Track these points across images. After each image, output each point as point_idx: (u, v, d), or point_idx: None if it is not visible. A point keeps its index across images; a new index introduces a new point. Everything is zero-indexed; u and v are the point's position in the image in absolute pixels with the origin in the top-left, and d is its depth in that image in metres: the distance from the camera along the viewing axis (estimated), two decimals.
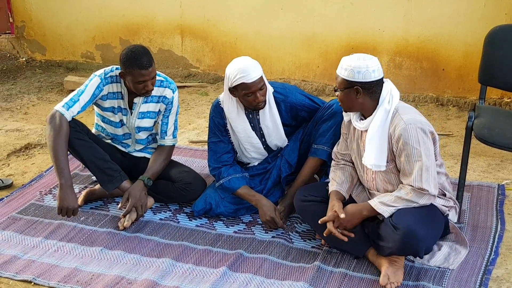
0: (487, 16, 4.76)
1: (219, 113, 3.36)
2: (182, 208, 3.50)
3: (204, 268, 2.93)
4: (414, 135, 2.66)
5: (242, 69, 3.11)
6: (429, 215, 2.73)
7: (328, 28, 5.41)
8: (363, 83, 2.70)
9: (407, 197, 2.68)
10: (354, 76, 2.69)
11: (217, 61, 6.06)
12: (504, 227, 3.18)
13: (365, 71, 2.69)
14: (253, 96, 3.14)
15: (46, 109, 5.42)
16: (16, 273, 2.92)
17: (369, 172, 2.88)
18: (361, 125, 2.81)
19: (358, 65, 2.69)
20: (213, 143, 3.40)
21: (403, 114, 2.71)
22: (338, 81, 2.77)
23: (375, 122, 2.74)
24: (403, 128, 2.66)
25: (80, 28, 6.61)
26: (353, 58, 2.73)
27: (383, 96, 2.75)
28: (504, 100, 4.93)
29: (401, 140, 2.67)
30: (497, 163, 3.99)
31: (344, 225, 2.80)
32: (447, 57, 5.06)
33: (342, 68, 2.74)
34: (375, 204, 2.74)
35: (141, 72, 3.17)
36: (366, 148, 2.78)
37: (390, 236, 2.67)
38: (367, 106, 2.76)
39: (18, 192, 3.74)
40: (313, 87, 5.52)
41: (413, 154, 2.66)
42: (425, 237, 2.67)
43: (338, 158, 3.07)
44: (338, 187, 2.95)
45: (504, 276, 2.79)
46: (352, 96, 2.74)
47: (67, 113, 3.24)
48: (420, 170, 2.65)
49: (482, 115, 3.29)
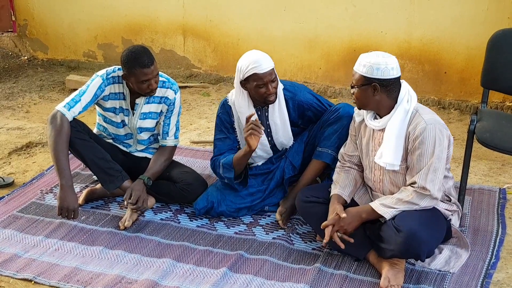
0: (489, 19, 4.75)
1: (227, 111, 3.37)
2: (183, 208, 3.49)
3: (205, 268, 2.93)
4: (432, 136, 2.66)
5: (255, 60, 3.14)
6: (431, 218, 2.72)
7: (330, 30, 5.40)
8: (381, 80, 2.70)
9: (408, 198, 2.68)
10: (373, 72, 2.69)
11: (219, 62, 6.05)
12: (505, 231, 3.18)
13: (384, 68, 2.68)
14: (265, 87, 3.15)
15: (48, 108, 5.42)
16: (17, 272, 2.92)
17: (377, 173, 2.87)
18: (376, 124, 2.80)
19: (378, 61, 2.69)
20: (219, 139, 3.40)
21: (423, 114, 2.72)
22: (356, 78, 2.76)
23: (395, 120, 2.73)
24: (423, 128, 2.67)
25: (82, 27, 6.61)
26: (372, 55, 2.72)
27: (401, 95, 2.74)
28: (506, 104, 4.93)
29: (419, 138, 2.67)
30: (499, 167, 3.98)
31: (345, 228, 2.79)
32: (449, 60, 5.05)
33: (361, 65, 2.73)
34: (376, 206, 2.74)
35: (143, 71, 3.17)
36: (383, 146, 2.76)
37: (393, 238, 2.67)
38: (383, 104, 2.76)
39: (19, 191, 3.74)
40: (315, 89, 5.51)
41: (426, 153, 2.67)
42: (428, 240, 2.67)
43: (345, 160, 3.06)
44: (341, 191, 2.94)
45: (504, 280, 2.79)
46: (369, 93, 2.73)
47: (68, 113, 3.24)
48: (427, 169, 2.66)
49: (484, 118, 3.30)
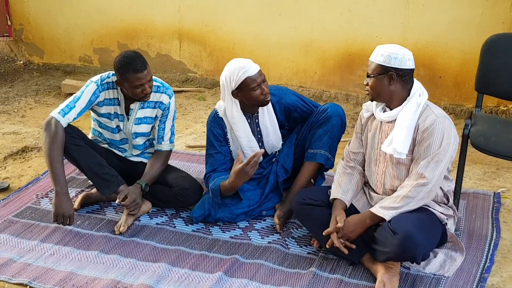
0: (484, 24, 4.77)
1: (219, 124, 3.37)
2: (179, 212, 3.50)
3: (200, 273, 2.93)
4: (441, 128, 2.72)
5: (242, 66, 3.16)
6: (427, 221, 2.74)
7: (326, 34, 5.42)
8: (398, 70, 2.76)
9: (405, 193, 2.71)
10: (390, 61, 2.76)
11: (215, 66, 6.06)
12: (500, 235, 3.19)
13: (401, 58, 2.76)
14: (260, 89, 3.17)
15: (44, 113, 5.42)
16: (12, 276, 2.92)
17: (381, 165, 2.90)
18: (388, 115, 2.84)
19: (395, 51, 2.76)
20: (210, 155, 3.40)
21: (434, 109, 2.80)
22: (372, 67, 2.81)
23: (407, 110, 2.78)
24: (433, 120, 2.73)
25: (78, 32, 6.61)
26: (390, 46, 2.80)
27: (414, 89, 2.82)
28: (501, 108, 4.94)
29: (428, 130, 2.73)
30: (493, 171, 4.00)
31: (348, 236, 2.81)
32: (444, 65, 5.07)
33: (378, 55, 2.79)
34: (376, 210, 2.76)
35: (136, 75, 3.18)
36: (393, 134, 2.79)
37: (388, 240, 2.68)
38: (396, 95, 2.81)
39: (14, 195, 3.74)
40: (310, 93, 5.52)
41: (434, 145, 2.71)
42: (423, 243, 2.68)
43: (350, 158, 3.08)
44: (343, 196, 2.95)
45: (499, 284, 2.80)
46: (385, 82, 2.79)
47: (63, 120, 3.24)
48: (431, 159, 2.71)
49: (479, 123, 3.31)
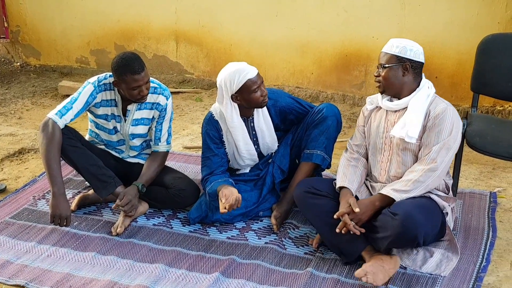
0: (480, 24, 4.79)
1: (214, 126, 3.37)
2: (176, 213, 3.50)
3: (197, 273, 2.93)
4: (452, 116, 2.79)
5: (240, 69, 3.16)
6: (427, 206, 2.78)
7: (322, 35, 5.43)
8: (412, 61, 2.84)
9: (416, 177, 2.76)
10: (406, 53, 2.83)
11: (212, 67, 6.06)
12: (496, 234, 3.20)
13: (416, 50, 2.86)
14: (260, 91, 3.18)
15: (40, 114, 5.42)
16: (9, 278, 2.92)
17: (386, 153, 2.94)
18: (395, 103, 2.90)
19: (411, 44, 2.87)
20: (206, 158, 3.39)
21: (443, 100, 2.88)
22: (386, 58, 2.87)
23: (417, 99, 2.85)
24: (445, 108, 2.81)
25: (75, 33, 6.61)
26: (404, 39, 2.89)
27: (423, 82, 2.89)
28: (496, 108, 4.96)
29: (440, 116, 2.79)
30: (489, 171, 4.01)
31: (359, 218, 2.81)
32: (440, 65, 5.08)
33: (393, 46, 2.87)
34: (387, 191, 2.80)
35: (134, 77, 3.18)
36: (406, 118, 2.84)
37: (389, 223, 2.69)
38: (407, 86, 2.88)
39: (11, 197, 3.74)
40: (307, 94, 5.54)
41: (445, 131, 2.77)
42: (424, 223, 2.69)
43: (353, 149, 3.12)
44: (350, 185, 2.97)
45: (495, 283, 2.81)
46: (399, 73, 2.85)
47: (60, 121, 3.24)
48: (442, 145, 2.77)
49: (474, 123, 3.32)
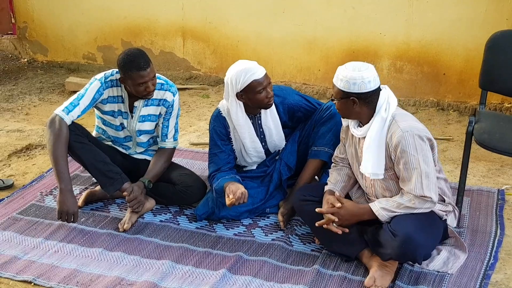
0: (488, 21, 4.76)
1: (221, 123, 3.36)
2: (182, 210, 3.50)
3: (204, 270, 2.93)
4: (411, 142, 2.64)
5: (248, 69, 3.14)
6: (427, 221, 2.73)
7: (329, 31, 5.42)
8: (358, 94, 2.69)
9: (410, 204, 2.67)
10: (350, 87, 2.69)
11: (219, 64, 6.06)
12: (504, 232, 3.19)
13: (360, 83, 2.68)
14: (265, 92, 3.16)
15: (48, 110, 5.43)
16: (16, 274, 2.93)
17: (368, 179, 2.87)
18: (358, 132, 2.81)
19: (354, 76, 2.68)
20: (213, 154, 3.38)
21: (400, 122, 2.70)
22: (335, 91, 2.77)
23: (372, 130, 2.73)
24: (400, 136, 2.65)
25: (82, 30, 6.62)
26: (349, 69, 2.71)
27: (379, 104, 2.73)
28: (505, 105, 4.93)
29: (399, 147, 2.66)
30: (497, 168, 3.99)
31: (341, 223, 2.80)
32: (448, 62, 5.06)
33: (338, 79, 2.73)
34: (377, 210, 2.74)
35: (139, 73, 3.18)
36: (364, 157, 2.78)
37: (389, 243, 2.68)
38: (364, 114, 2.76)
39: (18, 193, 3.75)
40: (314, 90, 5.52)
41: (411, 161, 2.65)
42: (424, 244, 2.68)
43: (337, 161, 3.09)
44: (332, 186, 2.98)
45: (503, 281, 2.80)
46: (349, 105, 2.74)
47: (67, 117, 3.25)
48: (419, 177, 2.64)
49: (483, 120, 3.30)
